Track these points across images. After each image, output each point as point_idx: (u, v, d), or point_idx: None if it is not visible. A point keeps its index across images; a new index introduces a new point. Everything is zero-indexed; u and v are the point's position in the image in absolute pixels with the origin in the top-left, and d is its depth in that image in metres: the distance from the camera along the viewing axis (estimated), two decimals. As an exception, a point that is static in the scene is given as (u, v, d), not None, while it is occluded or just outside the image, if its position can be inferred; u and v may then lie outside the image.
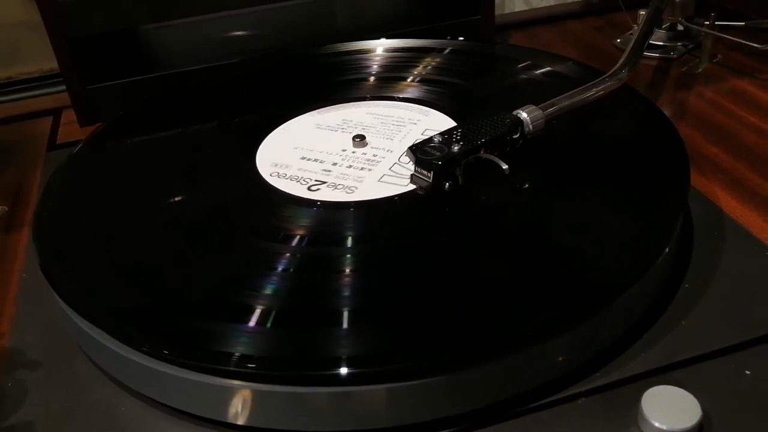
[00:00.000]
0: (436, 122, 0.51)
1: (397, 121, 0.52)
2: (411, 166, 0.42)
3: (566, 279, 0.37)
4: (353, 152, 0.48)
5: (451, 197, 0.42)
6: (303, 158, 0.48)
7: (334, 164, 0.47)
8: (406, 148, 0.44)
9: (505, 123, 0.44)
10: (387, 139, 0.50)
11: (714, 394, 0.33)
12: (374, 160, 0.47)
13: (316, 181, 0.45)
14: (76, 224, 0.45)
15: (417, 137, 0.49)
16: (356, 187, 0.44)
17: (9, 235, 0.51)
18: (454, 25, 0.71)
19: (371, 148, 0.49)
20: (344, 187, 0.44)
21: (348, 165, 0.47)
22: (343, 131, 0.51)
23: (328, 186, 0.45)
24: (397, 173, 0.46)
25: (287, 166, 0.47)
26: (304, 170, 0.47)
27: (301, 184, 0.45)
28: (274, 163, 0.47)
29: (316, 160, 0.48)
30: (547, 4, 0.90)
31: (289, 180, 0.46)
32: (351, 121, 0.52)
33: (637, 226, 0.40)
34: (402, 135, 0.50)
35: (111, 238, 0.43)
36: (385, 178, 0.45)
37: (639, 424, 0.32)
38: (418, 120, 0.52)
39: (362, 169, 0.46)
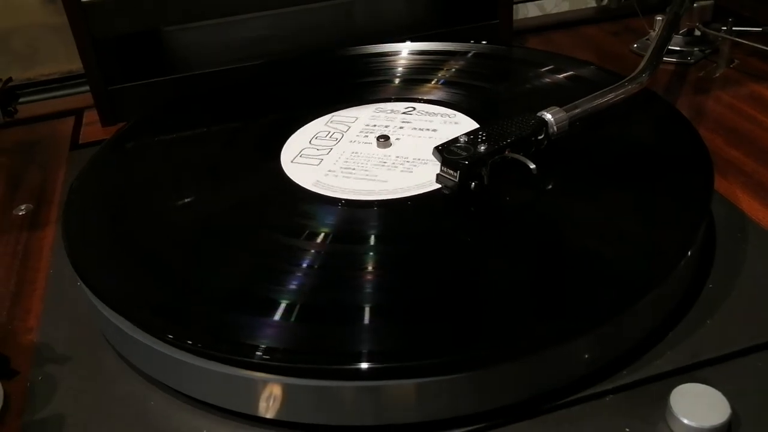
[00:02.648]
0: (459, 124, 0.52)
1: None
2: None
3: (593, 279, 0.37)
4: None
5: (477, 197, 0.42)
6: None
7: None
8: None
9: (530, 124, 0.44)
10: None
11: (740, 392, 0.33)
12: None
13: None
14: (104, 220, 0.46)
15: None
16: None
17: (34, 233, 0.52)
18: (472, 29, 0.71)
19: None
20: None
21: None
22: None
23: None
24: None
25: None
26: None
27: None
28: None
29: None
30: (560, 10, 0.90)
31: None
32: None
33: (661, 228, 0.40)
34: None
35: (138, 233, 0.44)
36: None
37: (667, 421, 0.32)
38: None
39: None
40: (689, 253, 0.38)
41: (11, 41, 0.75)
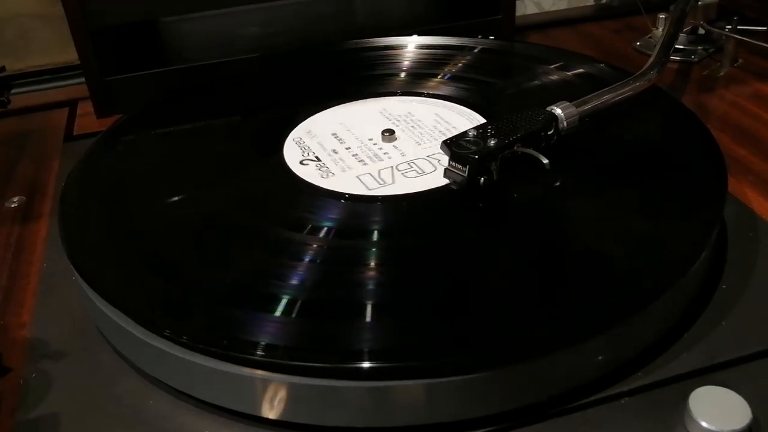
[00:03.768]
0: (465, 118, 0.51)
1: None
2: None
3: (606, 280, 0.36)
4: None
5: (486, 192, 0.41)
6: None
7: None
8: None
9: (540, 119, 0.43)
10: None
11: (759, 395, 0.32)
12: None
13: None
14: (101, 213, 0.44)
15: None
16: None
17: (27, 225, 0.50)
18: (474, 24, 0.70)
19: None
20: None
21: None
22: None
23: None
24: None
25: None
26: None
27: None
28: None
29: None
30: (559, 8, 0.90)
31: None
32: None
33: (675, 228, 0.39)
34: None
35: (136, 227, 0.43)
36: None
37: (686, 424, 0.31)
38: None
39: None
40: (702, 255, 0.37)
41: (2, 31, 0.73)
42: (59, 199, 0.45)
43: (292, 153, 0.48)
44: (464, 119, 0.50)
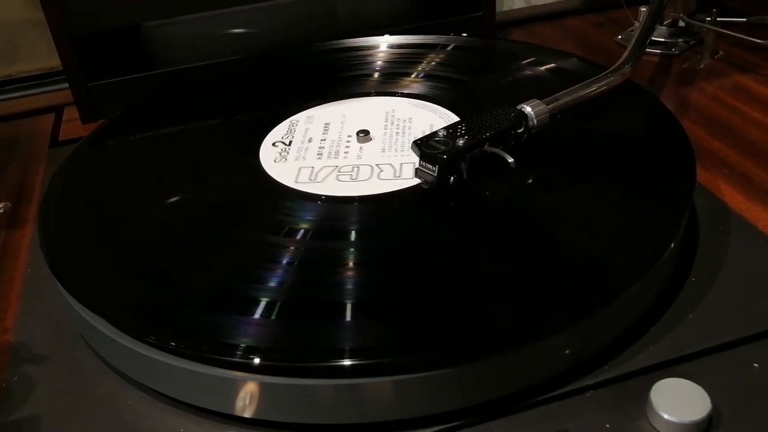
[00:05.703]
0: (439, 117, 0.51)
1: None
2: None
3: (572, 274, 0.36)
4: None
5: (456, 191, 0.42)
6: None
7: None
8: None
9: (510, 117, 0.44)
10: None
11: (722, 387, 0.33)
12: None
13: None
14: (81, 219, 0.45)
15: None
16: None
17: (12, 231, 0.51)
18: (454, 21, 0.71)
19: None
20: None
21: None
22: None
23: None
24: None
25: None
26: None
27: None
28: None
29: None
30: (546, 2, 0.90)
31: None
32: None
33: (643, 221, 0.40)
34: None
35: (116, 232, 0.43)
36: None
37: (648, 417, 0.32)
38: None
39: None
40: (671, 246, 0.38)
41: (-9, 37, 0.74)
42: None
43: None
44: (438, 118, 0.51)
